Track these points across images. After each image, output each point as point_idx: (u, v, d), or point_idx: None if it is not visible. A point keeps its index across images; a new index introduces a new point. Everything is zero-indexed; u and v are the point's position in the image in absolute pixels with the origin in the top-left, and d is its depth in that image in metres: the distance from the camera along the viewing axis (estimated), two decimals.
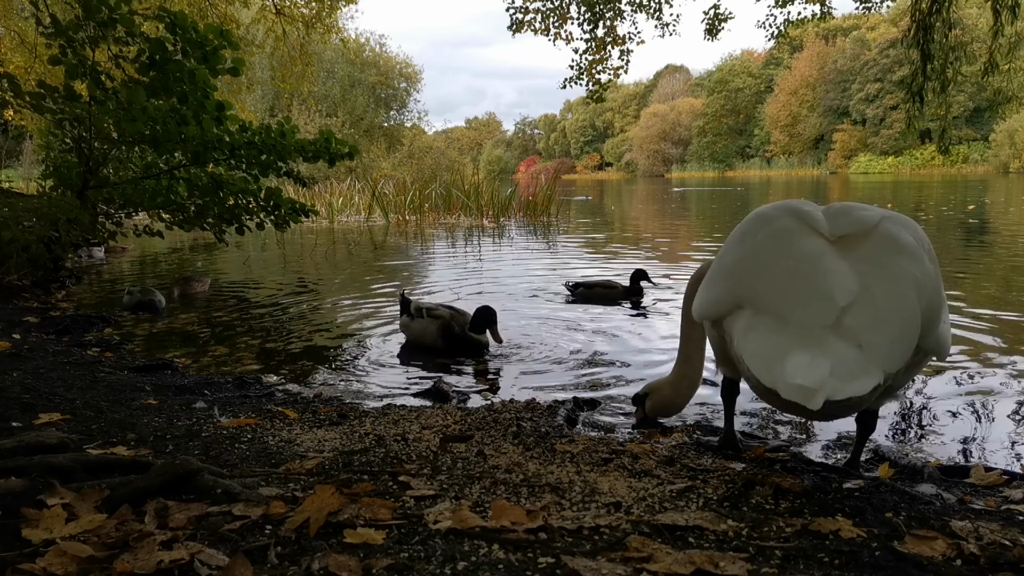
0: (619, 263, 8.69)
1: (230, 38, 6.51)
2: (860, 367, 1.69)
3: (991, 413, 3.15)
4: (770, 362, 1.73)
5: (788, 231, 1.96)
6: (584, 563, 1.34)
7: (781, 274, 1.87)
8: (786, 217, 2.01)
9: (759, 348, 1.80)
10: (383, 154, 41.72)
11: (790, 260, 1.88)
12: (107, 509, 1.57)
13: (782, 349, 1.74)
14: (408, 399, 3.57)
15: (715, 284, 2.09)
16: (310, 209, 7.81)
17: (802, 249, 1.90)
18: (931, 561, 1.41)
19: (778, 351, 1.74)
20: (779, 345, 1.76)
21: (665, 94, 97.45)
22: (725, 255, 2.13)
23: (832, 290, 1.78)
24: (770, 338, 1.79)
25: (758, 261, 1.95)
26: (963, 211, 16.36)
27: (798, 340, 1.75)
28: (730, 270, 2.04)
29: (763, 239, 2.00)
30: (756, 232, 2.04)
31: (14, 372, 3.32)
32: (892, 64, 64.41)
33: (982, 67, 9.82)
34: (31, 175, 18.28)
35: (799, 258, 1.88)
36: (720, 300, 2.03)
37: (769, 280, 1.88)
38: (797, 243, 1.92)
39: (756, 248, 1.99)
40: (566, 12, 13.94)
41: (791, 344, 1.74)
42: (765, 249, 1.96)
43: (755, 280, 1.92)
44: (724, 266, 2.09)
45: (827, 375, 1.65)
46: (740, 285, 1.96)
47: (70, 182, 7.04)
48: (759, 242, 2.00)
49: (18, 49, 14.58)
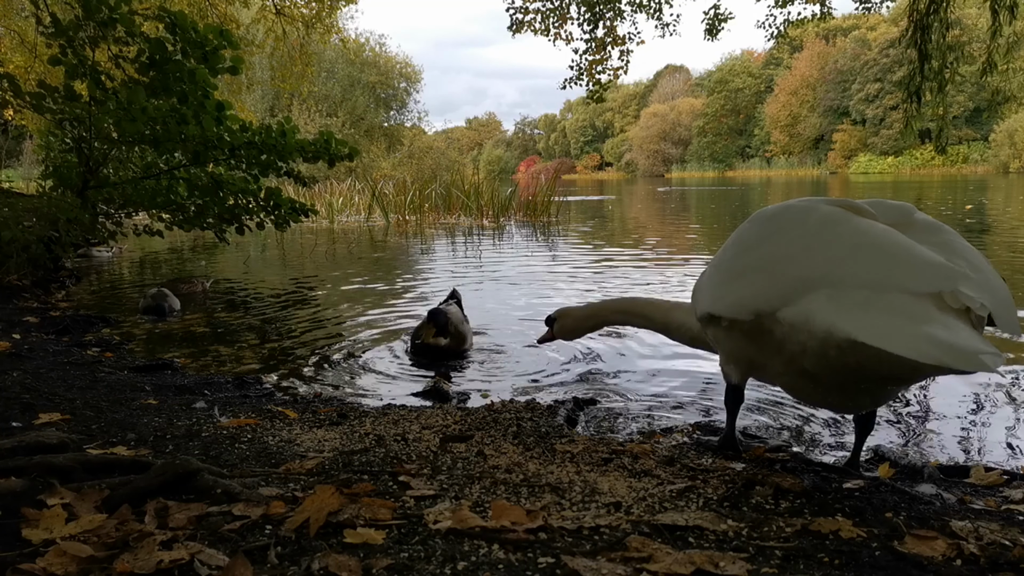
0: (619, 263, 8.69)
1: (230, 38, 6.51)
2: (983, 339, 1.60)
3: (991, 413, 3.15)
4: (910, 334, 1.57)
5: (839, 215, 1.91)
6: (584, 563, 1.34)
7: (860, 247, 1.79)
8: (827, 205, 1.97)
9: (873, 322, 1.64)
10: (383, 154, 41.75)
11: (863, 236, 1.81)
12: (107, 509, 1.57)
13: (905, 322, 1.61)
14: (408, 399, 3.57)
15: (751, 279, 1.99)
16: (310, 209, 7.81)
17: (869, 227, 1.84)
18: (931, 561, 1.41)
19: (904, 324, 1.61)
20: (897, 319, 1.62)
21: (665, 94, 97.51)
22: (753, 250, 2.05)
23: (936, 257, 1.72)
24: (878, 313, 1.66)
25: (820, 244, 1.86)
26: (961, 211, 16.37)
27: (912, 314, 1.63)
28: (774, 261, 1.94)
29: (816, 225, 1.92)
30: (800, 221, 1.97)
31: (14, 372, 3.32)
32: (892, 64, 64.41)
33: (980, 67, 9.82)
34: (31, 175, 18.26)
35: (872, 234, 1.81)
36: (773, 289, 1.90)
37: (847, 256, 1.79)
38: (858, 223, 1.86)
39: (809, 235, 1.90)
40: (566, 12, 13.95)
41: (907, 318, 1.62)
42: (823, 233, 1.88)
43: (825, 260, 1.82)
44: (760, 260, 1.99)
45: (982, 343, 1.54)
46: (802, 270, 1.85)
47: (70, 182, 7.04)
48: (811, 229, 1.92)
49: (18, 49, 14.59)
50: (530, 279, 7.55)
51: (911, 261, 1.73)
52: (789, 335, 1.87)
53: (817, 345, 1.77)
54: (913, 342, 1.57)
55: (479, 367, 4.23)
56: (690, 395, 3.54)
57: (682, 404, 3.40)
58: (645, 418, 3.17)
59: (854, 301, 1.72)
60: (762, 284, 1.95)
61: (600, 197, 29.00)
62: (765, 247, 2.02)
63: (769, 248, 2.00)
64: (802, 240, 1.91)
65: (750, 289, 1.98)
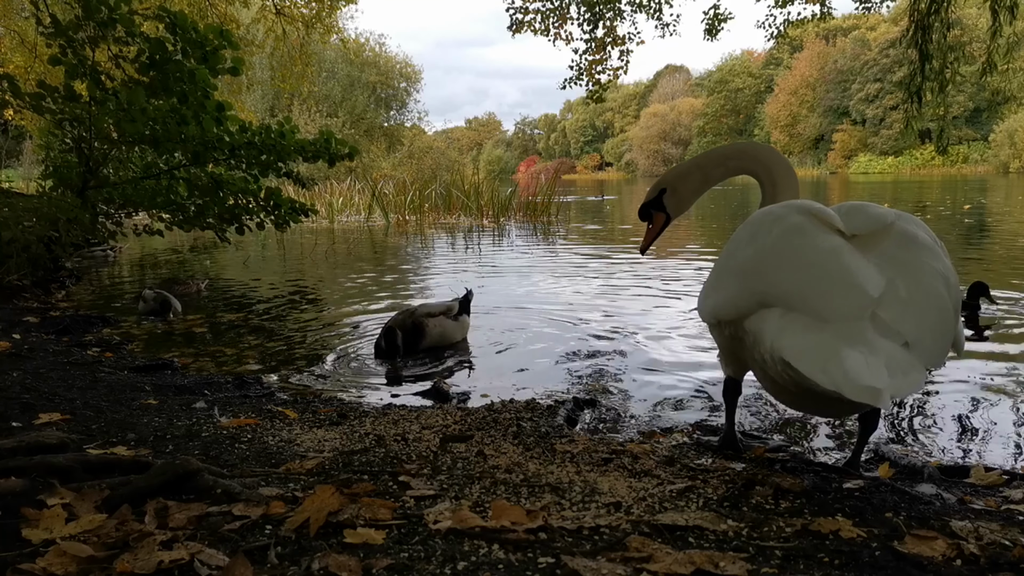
0: (620, 262, 8.69)
1: (230, 38, 6.51)
2: (908, 363, 1.68)
3: (991, 413, 3.15)
4: (823, 362, 1.67)
5: (803, 228, 1.94)
6: (584, 563, 1.34)
7: (805, 270, 1.84)
8: (797, 215, 1.99)
9: (803, 347, 1.73)
10: (383, 154, 41.73)
11: (812, 255, 1.86)
12: (107, 509, 1.57)
13: (830, 348, 1.69)
14: (408, 399, 3.57)
15: (728, 283, 2.06)
16: (310, 209, 7.82)
17: (822, 245, 1.88)
18: (931, 561, 1.41)
19: (827, 350, 1.69)
20: (825, 344, 1.71)
21: (665, 94, 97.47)
22: (734, 254, 2.10)
23: (863, 283, 1.76)
24: (812, 337, 1.74)
25: (777, 258, 1.92)
26: (959, 211, 16.37)
27: (842, 338, 1.71)
28: (744, 269, 2.01)
29: (778, 236, 1.97)
30: (769, 230, 2.01)
31: (14, 372, 3.32)
32: (892, 64, 64.36)
33: (981, 67, 9.81)
34: (31, 175, 18.28)
35: (820, 253, 1.86)
36: (737, 299, 1.99)
37: (793, 276, 1.86)
38: (815, 239, 1.90)
39: (772, 245, 1.96)
40: (566, 12, 13.94)
41: (837, 343, 1.70)
42: (783, 246, 1.93)
43: (778, 277, 1.89)
44: (736, 265, 2.06)
45: (886, 373, 1.61)
46: (761, 283, 1.92)
47: (70, 182, 7.04)
48: (774, 239, 1.97)
49: (18, 49, 14.59)
50: (530, 279, 7.55)
51: (840, 286, 1.78)
52: (752, 347, 1.95)
53: (769, 361, 1.84)
54: (822, 368, 1.66)
55: (479, 367, 4.23)
56: (690, 395, 3.54)
57: (682, 404, 3.40)
58: (645, 418, 3.18)
59: (799, 324, 1.79)
60: (733, 292, 2.02)
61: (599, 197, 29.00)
62: (740, 254, 2.07)
63: (742, 256, 2.06)
64: (768, 250, 1.97)
65: (724, 296, 2.06)
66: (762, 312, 1.90)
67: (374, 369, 4.21)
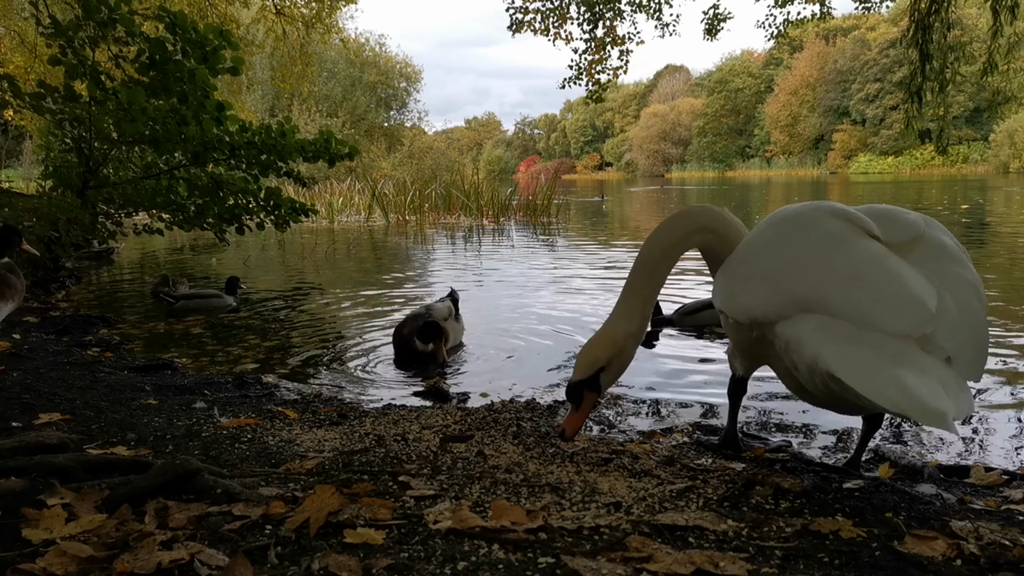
0: (619, 263, 8.69)
1: (230, 38, 6.51)
2: (958, 383, 1.65)
3: (991, 413, 3.15)
4: (881, 382, 1.60)
5: (842, 233, 1.89)
6: (584, 563, 1.34)
7: (852, 278, 1.79)
8: (833, 218, 1.94)
9: (853, 362, 1.67)
10: (383, 154, 41.75)
11: (857, 264, 1.81)
12: (107, 509, 1.57)
13: (883, 364, 1.64)
14: (408, 399, 3.57)
15: (757, 286, 1.98)
16: (310, 209, 7.81)
17: (866, 252, 1.83)
18: (931, 561, 1.41)
19: (880, 367, 1.63)
20: (878, 360, 1.65)
21: (665, 94, 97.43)
22: (762, 256, 2.04)
23: (923, 296, 1.71)
24: (860, 350, 1.68)
25: (817, 263, 1.86)
26: (958, 211, 16.38)
27: (892, 353, 1.66)
28: (776, 273, 1.94)
29: (816, 241, 1.91)
30: (803, 234, 1.96)
31: (14, 372, 3.32)
32: (892, 64, 64.37)
33: (981, 67, 9.82)
34: (31, 175, 18.28)
35: (866, 262, 1.81)
36: (776, 303, 1.91)
37: (839, 284, 1.79)
38: (857, 245, 1.85)
39: (809, 251, 1.90)
40: (566, 12, 13.94)
41: (887, 358, 1.65)
42: (822, 251, 1.88)
43: (819, 284, 1.82)
44: (766, 268, 1.99)
45: (945, 394, 1.58)
46: (799, 288, 1.85)
47: (70, 182, 7.04)
48: (811, 244, 1.91)
49: (18, 49, 14.59)
50: (530, 279, 7.55)
51: (896, 299, 1.73)
52: (784, 351, 1.89)
53: (806, 369, 1.80)
54: (883, 388, 1.60)
55: (479, 367, 4.23)
56: (690, 395, 3.54)
57: (682, 404, 3.40)
58: (645, 418, 3.18)
59: (841, 333, 1.74)
60: (765, 295, 1.95)
61: (597, 197, 29.00)
62: (770, 256, 2.01)
63: (773, 258, 2.00)
64: (803, 255, 1.91)
65: (755, 298, 1.98)
66: (798, 317, 1.84)
67: (374, 369, 4.21)
